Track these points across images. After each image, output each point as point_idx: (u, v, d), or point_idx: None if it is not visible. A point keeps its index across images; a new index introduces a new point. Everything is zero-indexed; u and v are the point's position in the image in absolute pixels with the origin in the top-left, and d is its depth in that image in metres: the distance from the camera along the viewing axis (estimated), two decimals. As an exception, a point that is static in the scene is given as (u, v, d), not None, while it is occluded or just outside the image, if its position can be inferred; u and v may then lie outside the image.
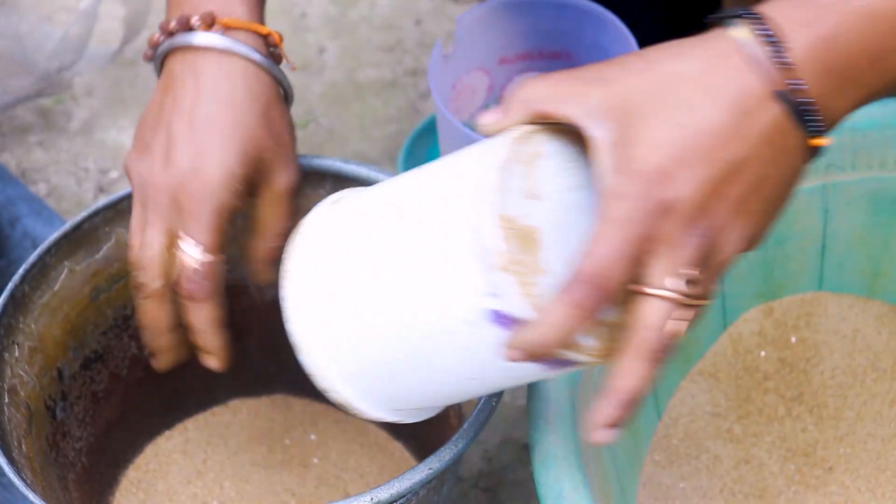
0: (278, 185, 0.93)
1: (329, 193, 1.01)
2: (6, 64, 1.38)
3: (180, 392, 1.09)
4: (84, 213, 0.98)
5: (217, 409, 1.11)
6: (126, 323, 1.03)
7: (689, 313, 0.71)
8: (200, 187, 0.88)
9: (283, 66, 0.96)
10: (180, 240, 0.89)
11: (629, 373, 0.71)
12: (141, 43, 1.49)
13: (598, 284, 0.68)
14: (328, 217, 0.80)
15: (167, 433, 1.09)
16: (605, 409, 0.72)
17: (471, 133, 1.10)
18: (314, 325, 0.78)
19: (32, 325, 0.96)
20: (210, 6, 0.93)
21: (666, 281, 0.70)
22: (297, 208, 0.94)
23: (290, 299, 0.79)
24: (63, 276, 0.98)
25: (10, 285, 0.94)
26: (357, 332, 0.77)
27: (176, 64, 0.93)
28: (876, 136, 1.03)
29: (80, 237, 0.99)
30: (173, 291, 0.90)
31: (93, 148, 1.42)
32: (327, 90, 1.46)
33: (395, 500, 0.84)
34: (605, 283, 0.69)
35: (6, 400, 0.92)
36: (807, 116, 0.71)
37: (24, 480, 0.87)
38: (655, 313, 0.70)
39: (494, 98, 1.23)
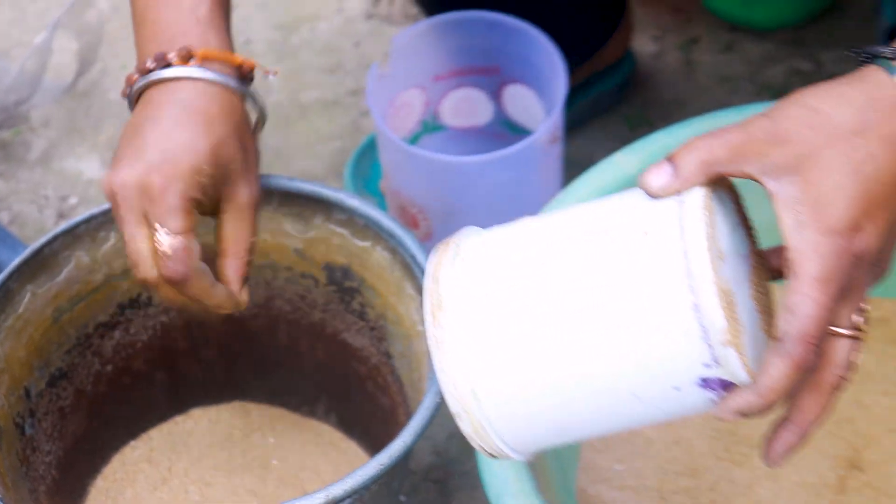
0: (242, 198, 0.92)
1: (276, 209, 1.02)
2: (-34, 100, 1.37)
3: (143, 404, 1.09)
4: (43, 239, 0.98)
5: (179, 419, 1.11)
6: (88, 341, 1.03)
7: (862, 344, 0.73)
8: (168, 174, 0.86)
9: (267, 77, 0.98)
10: (154, 230, 0.87)
11: (818, 406, 0.72)
12: (95, 74, 1.49)
13: (812, 342, 0.69)
14: (473, 276, 0.72)
15: (132, 443, 1.09)
16: (789, 438, 0.73)
17: (408, 147, 1.11)
18: (491, 395, 0.71)
19: (-2, 348, 0.96)
20: (185, 40, 0.92)
21: (852, 319, 0.72)
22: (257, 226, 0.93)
23: (454, 369, 0.71)
24: (26, 300, 0.98)
25: (-26, 311, 0.95)
26: (539, 398, 0.71)
27: (153, 93, 0.91)
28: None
29: (41, 262, 0.99)
30: None
31: (52, 176, 1.42)
32: (273, 112, 1.45)
33: (349, 496, 0.85)
34: (817, 339, 0.69)
35: (-24, 419, 0.92)
36: None
37: (-4, 495, 0.87)
38: (845, 350, 0.72)
39: (431, 113, 1.24)
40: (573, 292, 0.69)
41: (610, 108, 1.40)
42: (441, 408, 1.19)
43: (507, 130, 1.25)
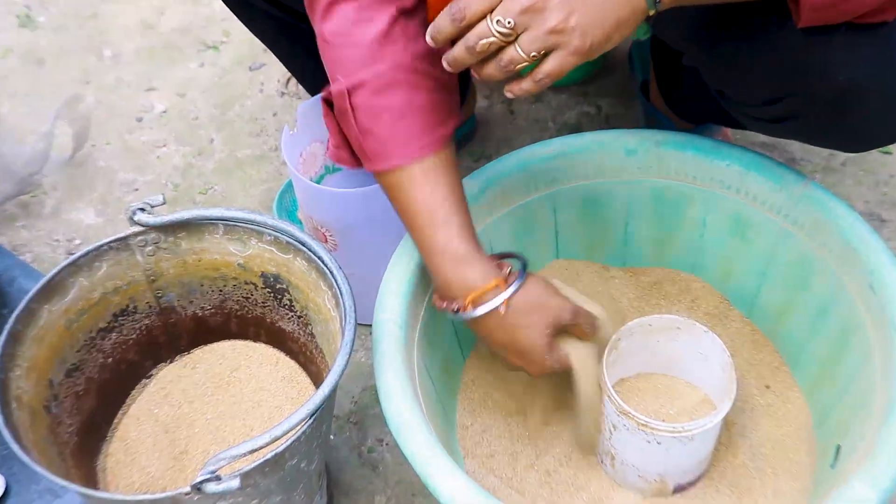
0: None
1: (222, 237, 1.00)
2: (-4, 175, 1.34)
3: (136, 383, 1.06)
4: (54, 271, 0.95)
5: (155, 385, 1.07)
6: (93, 342, 1.00)
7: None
8: None
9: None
10: None
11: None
12: (87, 149, 1.45)
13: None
14: None
15: (134, 406, 1.05)
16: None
17: (315, 185, 1.10)
18: None
19: (27, 352, 0.93)
20: (460, 293, 0.88)
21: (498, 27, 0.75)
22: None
23: None
24: (45, 316, 0.95)
25: (6, 327, 0.91)
26: None
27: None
28: (580, 157, 1.05)
29: (54, 287, 0.96)
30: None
31: (61, 225, 1.38)
32: (217, 166, 1.44)
33: (289, 432, 0.83)
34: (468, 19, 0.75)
35: (13, 406, 0.89)
36: None
37: (33, 459, 0.84)
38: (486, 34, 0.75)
39: (328, 160, 1.23)
40: None
41: (460, 146, 1.39)
42: (356, 367, 1.18)
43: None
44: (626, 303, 1.10)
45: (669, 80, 1.25)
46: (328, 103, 0.89)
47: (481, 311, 0.88)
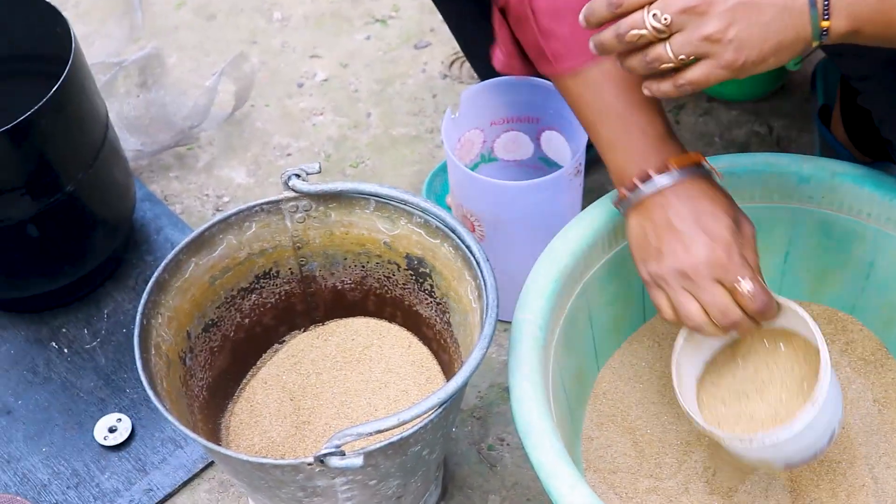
0: (748, 231, 0.87)
1: (372, 213, 1.01)
2: (155, 124, 1.38)
3: (269, 347, 1.08)
4: (205, 225, 0.98)
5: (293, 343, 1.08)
6: (233, 300, 1.02)
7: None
8: (725, 246, 0.83)
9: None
10: (736, 283, 0.83)
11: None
12: (246, 109, 1.48)
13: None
14: None
15: (264, 369, 1.07)
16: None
17: (470, 172, 1.10)
18: None
19: (170, 302, 0.96)
20: (659, 156, 0.86)
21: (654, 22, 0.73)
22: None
23: None
24: (191, 268, 0.98)
25: (154, 274, 0.94)
26: None
27: (658, 199, 0.86)
28: (747, 178, 1.03)
29: (203, 242, 0.98)
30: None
31: (212, 181, 1.41)
32: (371, 141, 1.45)
33: (417, 418, 0.83)
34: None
35: (152, 352, 0.92)
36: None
37: (165, 408, 0.87)
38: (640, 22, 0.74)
39: (487, 148, 1.22)
40: None
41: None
42: (485, 362, 1.18)
43: (543, 164, 1.23)
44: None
45: (854, 112, 1.20)
46: (501, 12, 0.87)
47: (686, 173, 0.85)
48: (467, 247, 0.95)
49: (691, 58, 0.73)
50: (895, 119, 0.87)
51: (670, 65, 0.74)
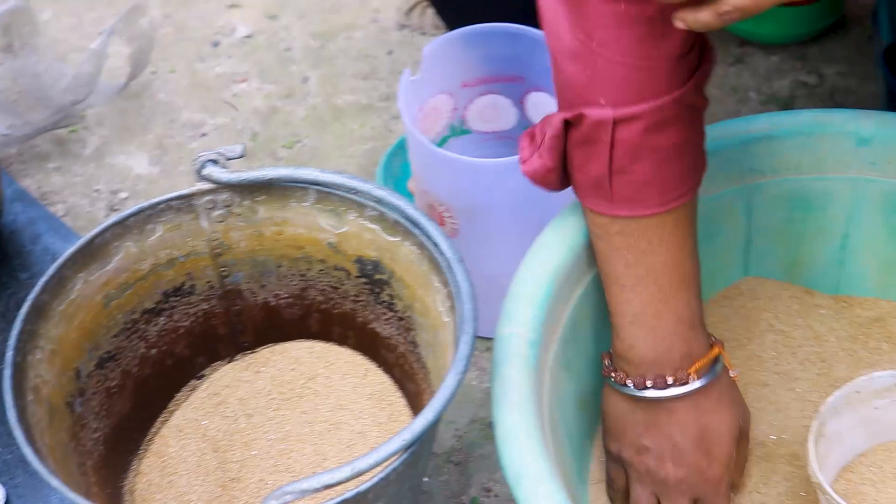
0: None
1: (312, 206, 1.01)
2: (27, 99, 1.38)
3: (184, 385, 1.09)
4: (96, 230, 0.98)
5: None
6: (135, 326, 1.03)
7: None
8: (718, 467, 0.96)
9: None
10: None
11: None
12: (146, 77, 1.48)
13: None
14: None
15: (178, 413, 1.07)
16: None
17: (436, 149, 1.10)
18: None
19: (52, 331, 0.96)
20: (681, 356, 0.94)
21: None
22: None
23: None
24: (78, 287, 0.98)
25: (31, 296, 0.94)
26: None
27: (659, 411, 0.95)
28: (791, 143, 1.04)
29: (93, 251, 0.98)
30: None
31: (104, 172, 1.41)
32: (309, 114, 1.46)
33: (376, 467, 0.83)
34: None
35: (30, 398, 0.92)
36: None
37: (47, 468, 0.87)
38: None
39: (458, 118, 1.23)
40: None
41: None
42: (463, 391, 1.19)
43: (529, 135, 1.24)
44: (835, 342, 1.08)
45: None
46: (565, 123, 0.91)
47: (707, 379, 0.94)
48: (435, 245, 0.95)
49: None
50: None
51: None
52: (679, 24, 0.79)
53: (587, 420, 1.03)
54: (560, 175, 0.95)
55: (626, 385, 0.95)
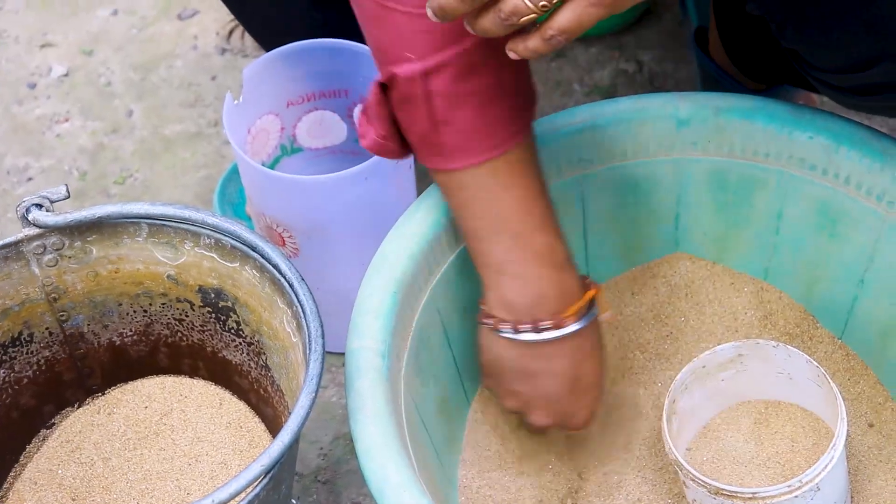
0: None
1: (147, 236, 1.00)
2: None
3: (33, 435, 1.06)
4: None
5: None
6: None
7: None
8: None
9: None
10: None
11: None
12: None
13: None
14: None
15: (31, 466, 1.05)
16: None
17: (267, 171, 1.10)
18: None
19: None
20: (554, 299, 0.94)
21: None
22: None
23: None
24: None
25: None
26: None
27: (538, 357, 0.96)
28: (615, 131, 1.06)
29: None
30: None
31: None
32: (138, 147, 1.44)
33: (237, 495, 0.83)
34: None
35: None
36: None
37: None
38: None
39: (287, 137, 1.23)
40: None
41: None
42: (324, 409, 1.18)
43: (361, 149, 1.23)
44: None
45: (735, 27, 1.25)
46: (382, 86, 0.91)
47: (585, 321, 0.95)
48: (274, 266, 0.95)
49: (555, 1, 0.75)
50: (801, 19, 0.90)
51: (532, 16, 0.76)
52: (512, 55, 0.79)
53: (450, 425, 1.04)
54: (398, 141, 0.94)
55: (500, 330, 0.95)
